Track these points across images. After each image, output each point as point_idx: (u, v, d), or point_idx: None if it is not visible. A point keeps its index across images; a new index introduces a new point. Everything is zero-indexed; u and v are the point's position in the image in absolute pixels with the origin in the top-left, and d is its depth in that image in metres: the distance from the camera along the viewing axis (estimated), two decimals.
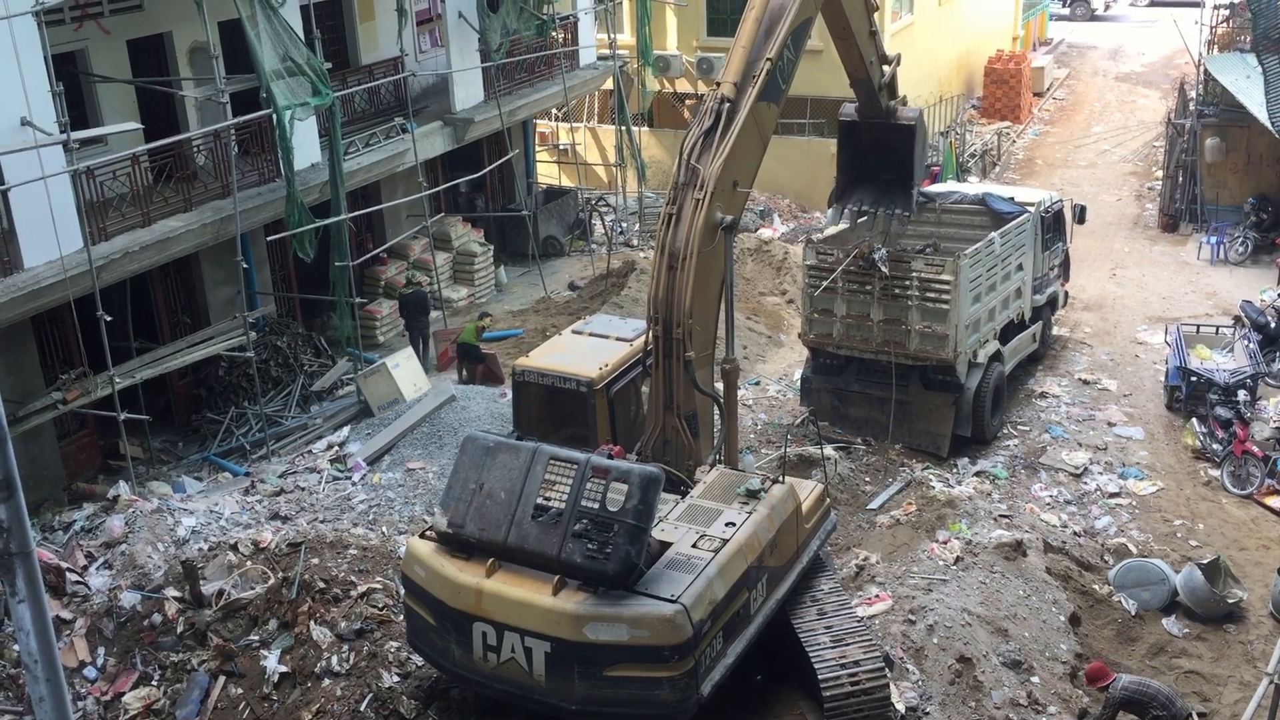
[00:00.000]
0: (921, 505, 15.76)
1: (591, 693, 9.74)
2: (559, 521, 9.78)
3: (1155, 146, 32.38)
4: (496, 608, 9.87)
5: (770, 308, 22.83)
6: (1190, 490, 16.94)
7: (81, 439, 17.61)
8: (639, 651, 9.62)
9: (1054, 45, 43.84)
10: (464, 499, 10.17)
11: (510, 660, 9.87)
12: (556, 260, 26.47)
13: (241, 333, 17.98)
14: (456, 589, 10.04)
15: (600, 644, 9.60)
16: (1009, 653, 12.49)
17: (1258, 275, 24.04)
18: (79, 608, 12.84)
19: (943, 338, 16.98)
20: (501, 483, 10.09)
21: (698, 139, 12.12)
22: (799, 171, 29.66)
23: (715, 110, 12.22)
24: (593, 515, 9.71)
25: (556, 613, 9.67)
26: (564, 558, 9.71)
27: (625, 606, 9.66)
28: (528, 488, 9.99)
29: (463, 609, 10.01)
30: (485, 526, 10.03)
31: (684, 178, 11.87)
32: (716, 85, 12.47)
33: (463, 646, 10.10)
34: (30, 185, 14.49)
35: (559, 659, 9.70)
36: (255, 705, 11.50)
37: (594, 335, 13.13)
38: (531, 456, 10.11)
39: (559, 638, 9.67)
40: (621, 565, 9.62)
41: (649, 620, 9.59)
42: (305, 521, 14.77)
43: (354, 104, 21.42)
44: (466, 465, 10.29)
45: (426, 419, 17.33)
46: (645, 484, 9.74)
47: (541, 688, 9.84)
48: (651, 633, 9.58)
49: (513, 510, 9.95)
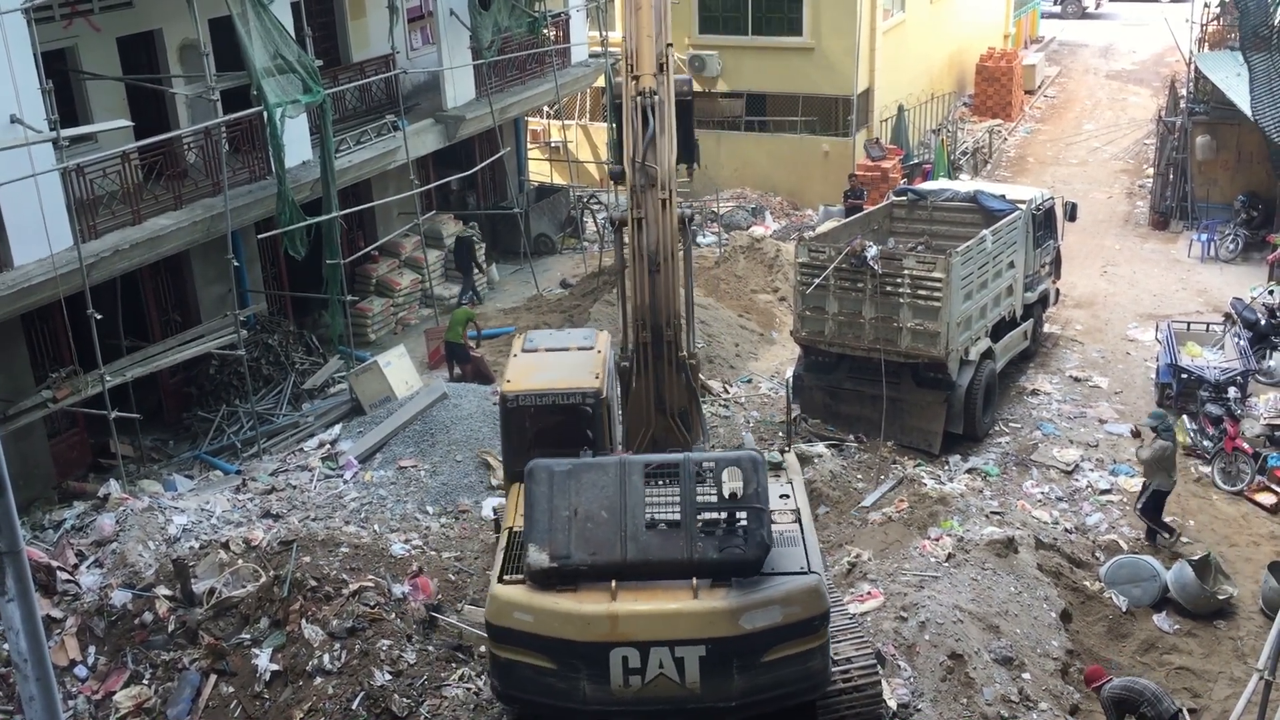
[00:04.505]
0: (913, 502, 15.78)
1: (750, 684, 9.67)
2: (679, 524, 9.57)
3: (1146, 144, 32.44)
4: (638, 628, 9.49)
5: (762, 305, 22.84)
6: (1181, 487, 16.95)
7: (72, 437, 17.57)
8: (792, 629, 9.69)
9: (1045, 43, 43.92)
10: (560, 529, 9.62)
11: (658, 677, 9.52)
12: (548, 258, 26.46)
13: (232, 331, 17.95)
14: (586, 621, 9.50)
15: (757, 632, 9.57)
16: (1000, 649, 12.52)
17: (1248, 273, 24.10)
18: (70, 606, 12.81)
19: (934, 335, 17.01)
20: (598, 503, 9.70)
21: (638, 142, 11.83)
22: (791, 169, 29.71)
23: (643, 107, 11.94)
24: (714, 508, 9.63)
25: (711, 613, 9.48)
26: (697, 557, 9.52)
27: (770, 589, 9.65)
28: (629, 501, 9.67)
29: (596, 639, 9.51)
30: (597, 550, 9.57)
31: (641, 181, 11.69)
32: (635, 79, 12.11)
33: (595, 679, 9.58)
34: (20, 183, 14.44)
35: (715, 659, 9.53)
36: (247, 704, 11.48)
37: (552, 350, 12.59)
38: (621, 469, 9.83)
39: (715, 637, 9.49)
40: (759, 548, 9.61)
41: (798, 595, 9.69)
42: (297, 520, 14.75)
43: (345, 101, 21.37)
44: (544, 495, 9.75)
45: (418, 417, 17.30)
46: (755, 465, 9.79)
47: (697, 695, 9.59)
48: (802, 607, 9.70)
49: (622, 526, 9.59)
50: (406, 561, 13.25)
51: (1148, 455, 15.41)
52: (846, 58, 28.91)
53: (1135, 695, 11.17)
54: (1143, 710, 11.09)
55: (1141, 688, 11.31)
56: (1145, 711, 11.06)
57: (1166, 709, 11.04)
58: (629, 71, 12.21)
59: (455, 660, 11.77)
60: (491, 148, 24.51)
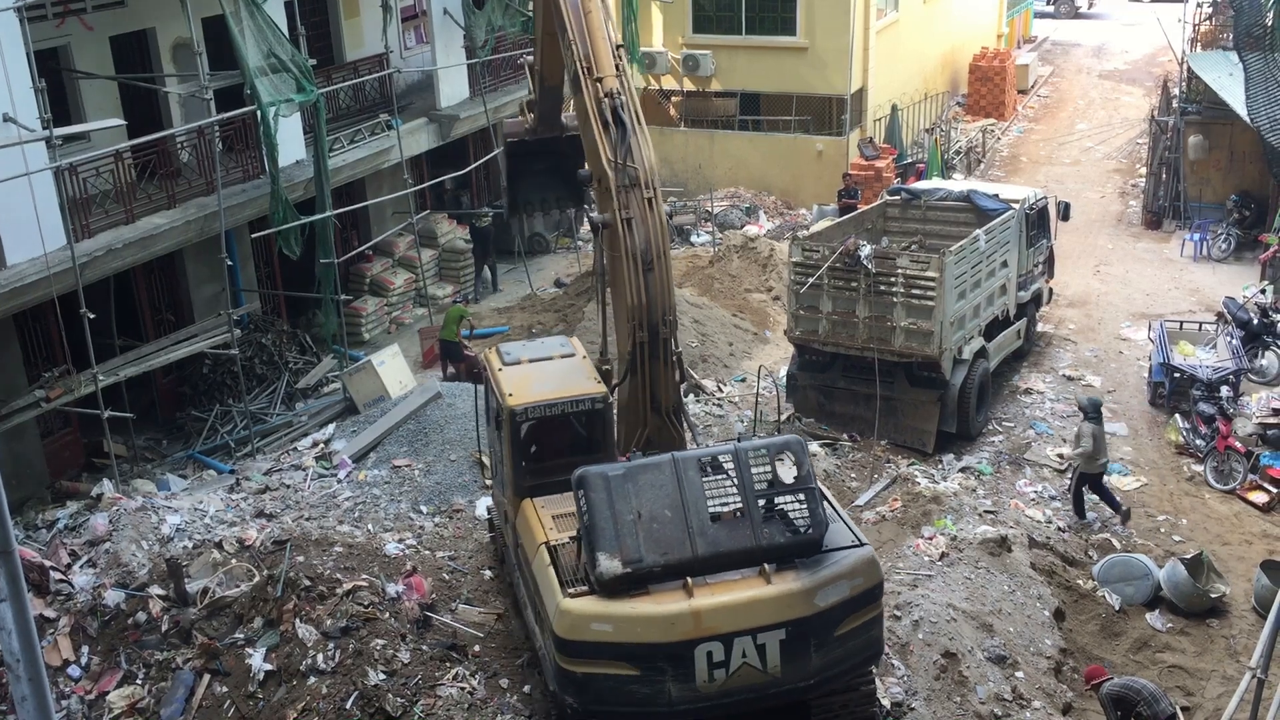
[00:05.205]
0: (907, 501, 15.80)
1: (825, 660, 9.95)
2: (743, 514, 9.77)
3: (1139, 144, 32.49)
4: (721, 620, 9.61)
5: (756, 304, 22.85)
6: (1174, 486, 17.03)
7: (65, 437, 17.54)
8: (858, 601, 10.07)
9: (1038, 43, 43.94)
10: (627, 534, 9.62)
11: (741, 666, 9.67)
12: (542, 257, 26.47)
13: (226, 330, 17.93)
14: (669, 622, 9.56)
15: (830, 608, 9.88)
16: (994, 648, 12.54)
17: (1240, 272, 24.15)
18: (63, 606, 12.78)
19: (928, 334, 17.04)
20: (660, 503, 9.76)
21: (615, 144, 11.71)
22: (784, 168, 29.71)
23: (609, 109, 11.81)
24: (772, 494, 9.87)
25: (789, 595, 9.74)
26: (765, 544, 9.76)
27: (836, 565, 9.99)
28: (689, 496, 9.77)
29: (680, 638, 9.58)
30: (668, 550, 9.64)
31: (624, 181, 11.61)
32: (596, 82, 11.93)
33: (681, 679, 9.63)
34: (13, 182, 14.42)
35: (794, 641, 9.78)
36: (240, 703, 11.46)
37: (535, 360, 12.40)
38: (674, 466, 9.90)
39: (793, 619, 9.73)
40: (821, 527, 9.94)
41: (860, 567, 10.09)
42: (290, 519, 14.73)
43: (339, 100, 21.36)
44: (602, 502, 9.69)
45: (412, 416, 17.29)
46: (801, 449, 10.13)
47: (778, 679, 9.80)
48: (865, 578, 10.13)
49: (687, 523, 9.69)
50: (400, 561, 13.23)
51: (1088, 444, 15.59)
52: (840, 57, 28.92)
53: (1133, 694, 11.21)
54: (1139, 709, 11.12)
55: (1140, 687, 11.34)
56: (1142, 711, 11.10)
57: (1163, 709, 11.07)
58: (588, 76, 12.02)
59: (449, 660, 11.76)
60: (485, 147, 24.49)
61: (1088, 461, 15.70)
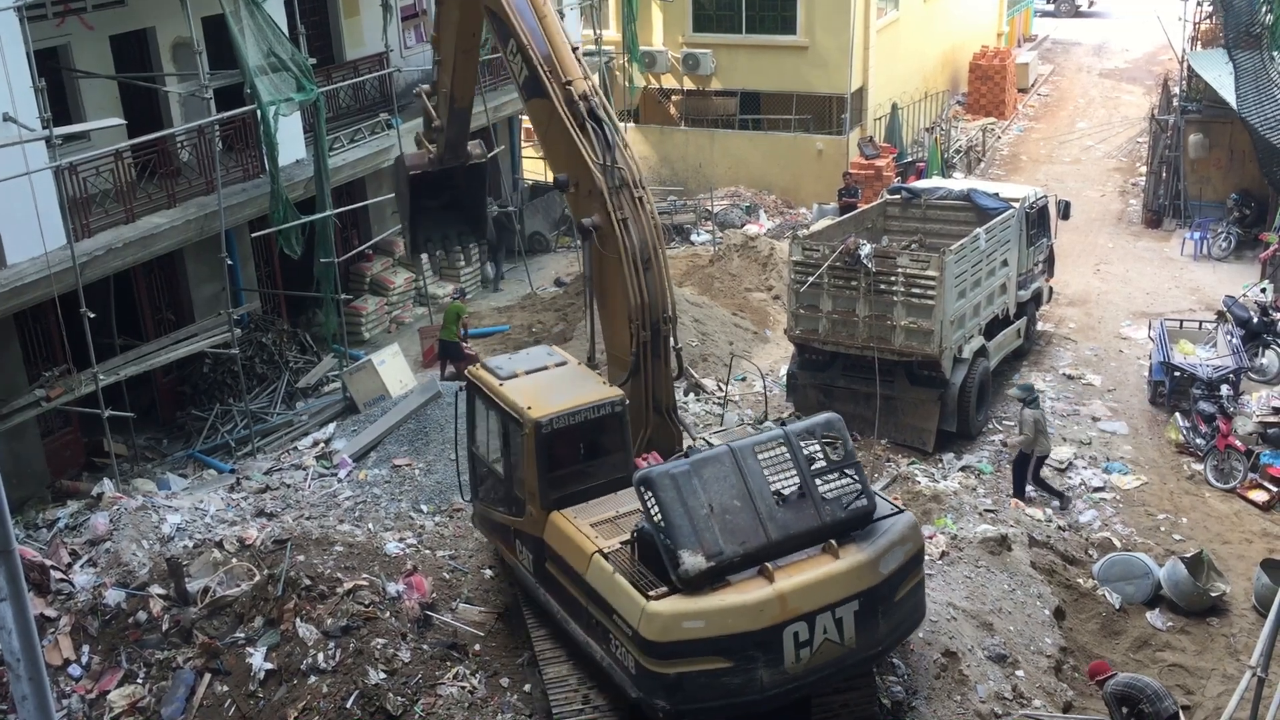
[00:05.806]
0: (907, 500, 15.78)
1: (890, 625, 10.43)
2: (804, 495, 10.13)
3: (1139, 142, 32.48)
4: (804, 600, 9.91)
5: (756, 304, 22.85)
6: (1174, 484, 17.03)
7: (65, 436, 17.54)
8: (910, 565, 10.61)
9: (1038, 41, 43.93)
10: (703, 528, 9.78)
11: (823, 643, 10.00)
12: (543, 256, 26.47)
13: (226, 329, 17.93)
14: (758, 609, 9.78)
15: (891, 575, 10.33)
16: (994, 647, 12.55)
17: (1241, 271, 24.14)
18: (63, 605, 12.79)
19: (928, 333, 17.03)
20: (728, 494, 9.99)
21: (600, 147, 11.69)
22: (785, 167, 29.70)
23: (585, 114, 11.77)
24: (826, 472, 10.30)
25: (858, 567, 10.13)
26: (830, 521, 10.17)
27: (888, 532, 10.46)
28: (752, 484, 10.07)
29: (770, 624, 9.79)
30: (745, 539, 9.89)
31: (614, 183, 11.60)
32: (567, 84, 11.83)
33: (771, 664, 9.85)
34: (13, 181, 14.42)
35: (866, 610, 10.15)
36: (241, 703, 11.47)
37: (532, 372, 12.15)
38: (733, 456, 10.17)
39: (864, 590, 10.13)
40: (871, 499, 10.45)
41: (908, 533, 10.66)
42: (291, 518, 14.73)
43: (339, 100, 21.36)
44: (673, 501, 9.80)
45: (412, 415, 17.29)
46: (842, 425, 10.68)
47: (854, 650, 10.18)
48: (913, 542, 10.72)
49: (755, 510, 9.98)
50: (401, 560, 13.23)
51: (1030, 430, 16.01)
52: (840, 56, 28.93)
53: (1137, 692, 11.22)
54: (1143, 707, 11.14)
55: (1143, 685, 11.35)
56: (1145, 708, 11.10)
57: (1166, 708, 11.08)
58: (555, 81, 11.90)
59: (450, 659, 11.76)
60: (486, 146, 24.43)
61: (1044, 443, 16.27)
